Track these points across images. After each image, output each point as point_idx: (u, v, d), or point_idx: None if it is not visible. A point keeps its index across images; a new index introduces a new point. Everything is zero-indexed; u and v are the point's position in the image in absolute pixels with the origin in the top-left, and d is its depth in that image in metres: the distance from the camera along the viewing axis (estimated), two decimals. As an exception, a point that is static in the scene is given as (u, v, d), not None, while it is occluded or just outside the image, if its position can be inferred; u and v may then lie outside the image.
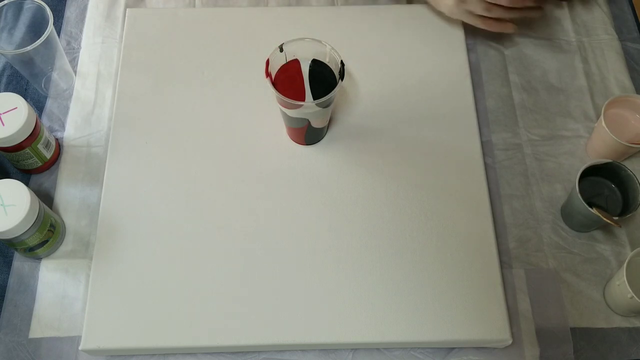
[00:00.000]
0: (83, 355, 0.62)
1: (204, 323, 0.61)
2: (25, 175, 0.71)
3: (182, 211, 0.67)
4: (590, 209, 0.63)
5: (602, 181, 0.68)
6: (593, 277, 0.67)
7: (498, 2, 0.71)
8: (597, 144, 0.71)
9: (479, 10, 0.72)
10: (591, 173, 0.66)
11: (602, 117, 0.68)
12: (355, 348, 0.63)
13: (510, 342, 0.62)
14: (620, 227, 0.67)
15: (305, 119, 0.64)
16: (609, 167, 0.66)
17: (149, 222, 0.66)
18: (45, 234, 0.64)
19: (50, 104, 0.76)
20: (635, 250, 0.62)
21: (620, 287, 0.62)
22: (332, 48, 0.62)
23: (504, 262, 0.67)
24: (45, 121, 0.75)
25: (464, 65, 0.76)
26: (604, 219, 0.62)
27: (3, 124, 0.64)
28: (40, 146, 0.68)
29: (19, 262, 0.67)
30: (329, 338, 0.61)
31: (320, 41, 0.63)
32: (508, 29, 0.75)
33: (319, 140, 0.71)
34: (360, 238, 0.66)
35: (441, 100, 0.74)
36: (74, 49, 0.80)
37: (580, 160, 0.73)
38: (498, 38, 0.81)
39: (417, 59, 0.76)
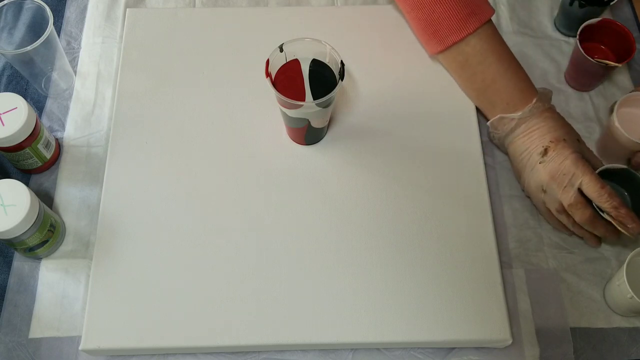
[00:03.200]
0: (83, 355, 0.62)
1: (204, 323, 0.61)
2: (25, 175, 0.71)
3: (182, 211, 0.67)
4: (601, 213, 0.63)
5: (614, 186, 0.68)
6: (593, 277, 0.67)
7: (571, 214, 0.65)
8: (610, 142, 0.70)
9: (553, 208, 0.66)
10: (604, 177, 0.65)
11: (614, 115, 0.67)
12: (355, 348, 0.63)
13: (510, 342, 0.62)
14: (634, 237, 0.65)
15: (305, 119, 0.64)
16: (624, 173, 0.66)
17: (149, 222, 0.66)
18: (45, 234, 0.64)
19: (50, 104, 0.76)
20: (635, 250, 0.62)
21: (620, 287, 0.62)
22: (332, 48, 0.62)
23: (504, 262, 0.67)
24: (45, 121, 0.75)
25: (464, 65, 0.76)
26: (617, 226, 0.62)
27: (3, 124, 0.64)
28: (40, 146, 0.68)
29: (19, 262, 0.67)
30: (329, 338, 0.61)
31: (320, 41, 0.62)
32: (589, 240, 0.68)
33: (319, 140, 0.71)
34: (360, 238, 0.66)
35: (441, 100, 0.74)
36: (74, 49, 0.80)
37: (580, 160, 0.73)
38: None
39: (417, 58, 0.76)
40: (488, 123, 0.71)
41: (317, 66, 0.64)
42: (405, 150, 0.71)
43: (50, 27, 0.67)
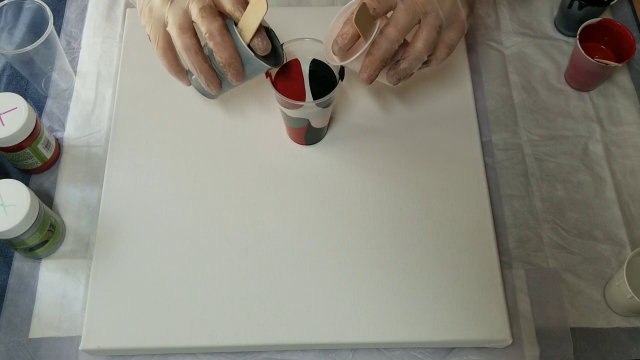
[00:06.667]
0: (83, 355, 0.62)
1: (204, 323, 0.61)
2: (25, 175, 0.71)
3: (182, 211, 0.67)
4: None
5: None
6: (593, 277, 0.67)
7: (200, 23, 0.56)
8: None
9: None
10: None
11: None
12: (355, 348, 0.63)
13: (510, 342, 0.62)
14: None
15: (305, 119, 0.64)
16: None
17: (149, 222, 0.66)
18: (45, 234, 0.64)
19: (50, 104, 0.76)
20: (635, 250, 0.62)
21: (620, 287, 0.62)
22: (332, 48, 0.62)
23: (504, 262, 0.67)
24: (45, 121, 0.75)
25: (464, 65, 0.76)
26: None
27: (3, 124, 0.64)
28: (40, 146, 0.68)
29: (19, 262, 0.67)
30: (329, 338, 0.61)
31: (320, 41, 0.62)
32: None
33: (319, 140, 0.71)
34: (360, 238, 0.66)
35: (441, 100, 0.74)
36: (74, 49, 0.80)
37: (580, 161, 0.73)
38: (498, 38, 0.81)
39: (417, 59, 0.76)
40: None
41: (317, 66, 0.64)
42: (405, 150, 0.71)
43: (50, 27, 0.67)
